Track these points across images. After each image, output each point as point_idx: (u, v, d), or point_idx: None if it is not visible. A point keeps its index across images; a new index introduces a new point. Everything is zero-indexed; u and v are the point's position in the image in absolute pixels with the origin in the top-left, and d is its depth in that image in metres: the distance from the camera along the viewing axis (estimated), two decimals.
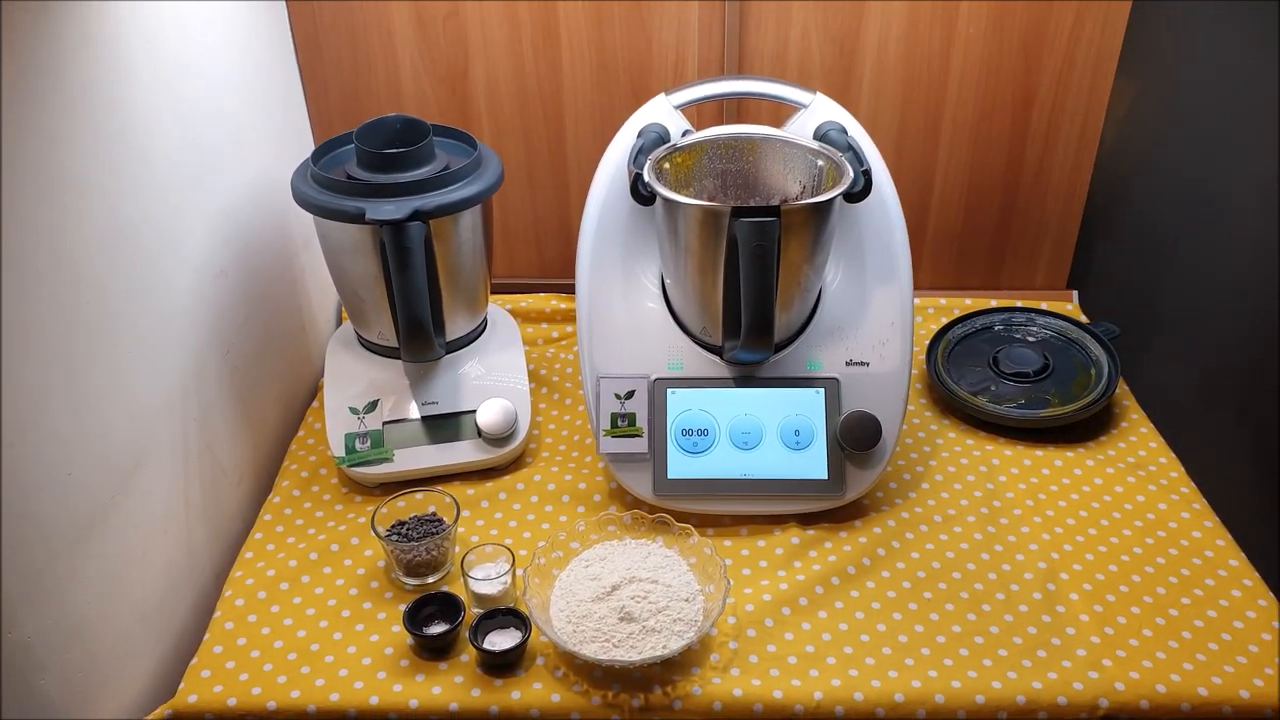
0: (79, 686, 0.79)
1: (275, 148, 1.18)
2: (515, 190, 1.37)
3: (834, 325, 1.05)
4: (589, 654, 0.84)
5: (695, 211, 0.95)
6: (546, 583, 0.92)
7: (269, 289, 1.15)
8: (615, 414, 1.03)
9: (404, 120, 1.07)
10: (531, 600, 0.88)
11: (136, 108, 0.87)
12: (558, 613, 0.89)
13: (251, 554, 1.01)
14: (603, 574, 0.92)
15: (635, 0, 1.23)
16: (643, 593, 0.89)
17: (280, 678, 0.87)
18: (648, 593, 0.89)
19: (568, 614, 0.89)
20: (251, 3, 1.13)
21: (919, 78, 1.27)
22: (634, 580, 0.91)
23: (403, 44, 1.26)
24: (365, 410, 1.09)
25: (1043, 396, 1.18)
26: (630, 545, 0.96)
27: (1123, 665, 0.87)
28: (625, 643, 0.86)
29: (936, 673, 0.87)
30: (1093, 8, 1.22)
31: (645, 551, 0.95)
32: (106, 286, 0.82)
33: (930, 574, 0.97)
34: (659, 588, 0.90)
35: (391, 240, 0.98)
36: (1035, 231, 1.39)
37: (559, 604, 0.90)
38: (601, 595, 0.89)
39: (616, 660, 0.84)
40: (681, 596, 0.90)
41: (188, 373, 0.96)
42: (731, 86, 1.11)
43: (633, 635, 0.86)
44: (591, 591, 0.90)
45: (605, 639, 0.86)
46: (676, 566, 0.93)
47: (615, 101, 1.29)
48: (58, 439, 0.76)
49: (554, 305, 1.37)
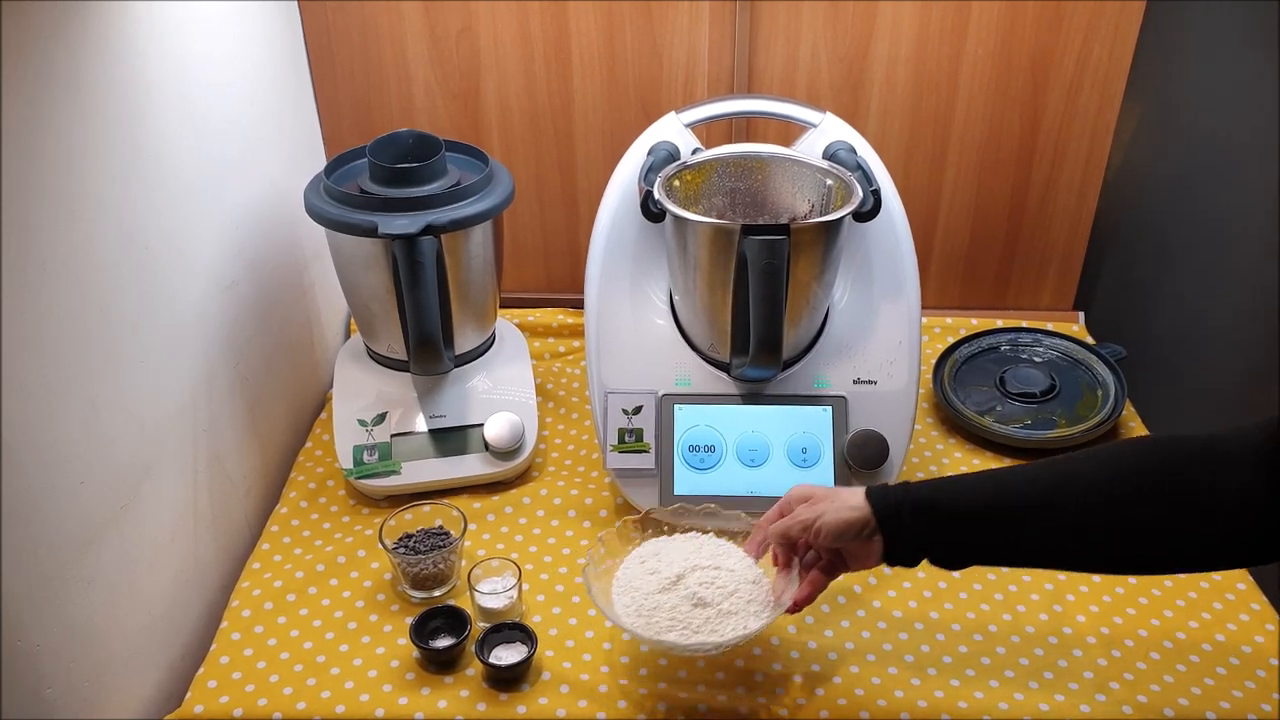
0: (85, 695, 0.79)
1: (287, 160, 1.19)
2: (525, 206, 1.38)
3: (842, 343, 1.05)
4: (673, 640, 0.82)
5: (705, 229, 0.95)
6: (605, 583, 0.89)
7: (279, 301, 1.16)
8: (622, 429, 1.03)
9: (416, 135, 1.08)
10: (598, 600, 0.85)
11: (149, 117, 0.87)
12: (624, 609, 0.86)
13: (259, 565, 1.01)
14: (661, 567, 0.88)
15: (646, 19, 1.24)
16: (709, 579, 0.86)
17: (286, 689, 0.87)
18: (713, 578, 0.86)
19: (635, 608, 0.85)
20: (265, 15, 1.14)
21: (927, 98, 1.28)
22: (696, 569, 0.87)
23: (415, 59, 1.28)
24: (373, 423, 1.10)
25: (1049, 417, 1.18)
26: (680, 539, 0.93)
27: (1131, 688, 0.87)
28: (704, 627, 0.83)
29: (943, 693, 0.87)
30: (1101, 30, 1.23)
31: (698, 543, 0.92)
32: (117, 296, 0.83)
33: (937, 594, 0.97)
34: (723, 573, 0.87)
35: (403, 254, 0.98)
36: (1042, 252, 1.39)
37: (622, 600, 0.87)
38: (666, 586, 0.86)
39: (703, 644, 0.82)
40: (748, 579, 0.87)
41: (197, 383, 0.97)
42: (741, 105, 1.12)
43: (710, 620, 0.83)
44: (654, 585, 0.86)
45: (683, 626, 0.83)
46: (733, 552, 0.90)
47: (625, 119, 1.30)
48: (67, 448, 0.77)
49: (561, 320, 1.38)
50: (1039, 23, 1.23)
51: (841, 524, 0.76)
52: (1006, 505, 0.71)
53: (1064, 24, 1.23)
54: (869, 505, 0.76)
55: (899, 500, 0.75)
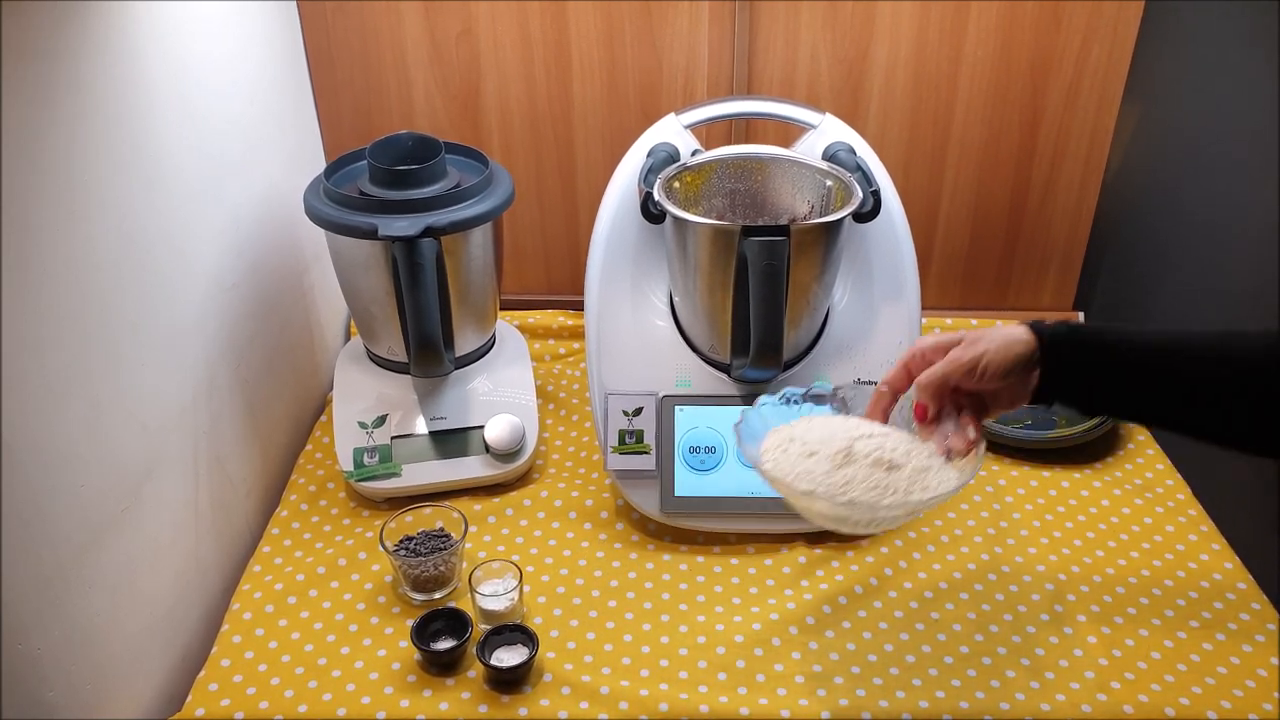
0: (86, 698, 0.79)
1: (287, 162, 1.19)
2: (525, 207, 1.38)
3: (842, 344, 1.05)
4: (891, 501, 0.72)
5: (705, 230, 0.95)
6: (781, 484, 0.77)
7: (279, 303, 1.16)
8: (623, 431, 1.03)
9: (416, 137, 1.08)
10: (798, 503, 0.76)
11: (149, 118, 0.88)
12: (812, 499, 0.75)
13: (259, 568, 1.01)
14: (816, 449, 0.77)
15: (646, 21, 1.24)
16: (878, 445, 0.76)
17: (287, 691, 0.87)
18: (882, 444, 0.76)
19: (828, 497, 0.74)
20: (265, 17, 1.14)
21: (927, 99, 1.28)
22: (858, 439, 0.77)
23: (415, 61, 1.28)
24: (374, 425, 1.10)
25: (1050, 417, 1.18)
26: (804, 425, 0.82)
27: (1131, 687, 0.87)
28: (914, 486, 0.74)
29: (944, 693, 0.87)
30: (1100, 32, 1.23)
31: (829, 420, 0.82)
32: (118, 298, 0.83)
33: (938, 594, 0.97)
34: (887, 437, 0.77)
35: (403, 256, 0.98)
36: (1041, 252, 1.39)
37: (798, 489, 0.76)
38: (841, 463, 0.75)
39: (924, 500, 0.73)
40: (909, 439, 0.78)
41: (198, 385, 0.97)
42: (741, 107, 1.12)
43: (911, 477, 0.74)
44: (824, 465, 0.75)
45: (890, 490, 0.74)
46: (867, 423, 0.80)
47: (625, 120, 1.30)
48: (68, 450, 0.77)
49: (562, 322, 1.38)
50: (1038, 24, 1.23)
51: (1011, 359, 0.72)
52: (1175, 349, 0.70)
53: (1063, 25, 1.23)
54: (1033, 336, 0.73)
55: (1065, 332, 0.73)
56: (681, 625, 0.94)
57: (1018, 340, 0.73)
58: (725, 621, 0.94)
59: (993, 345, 0.73)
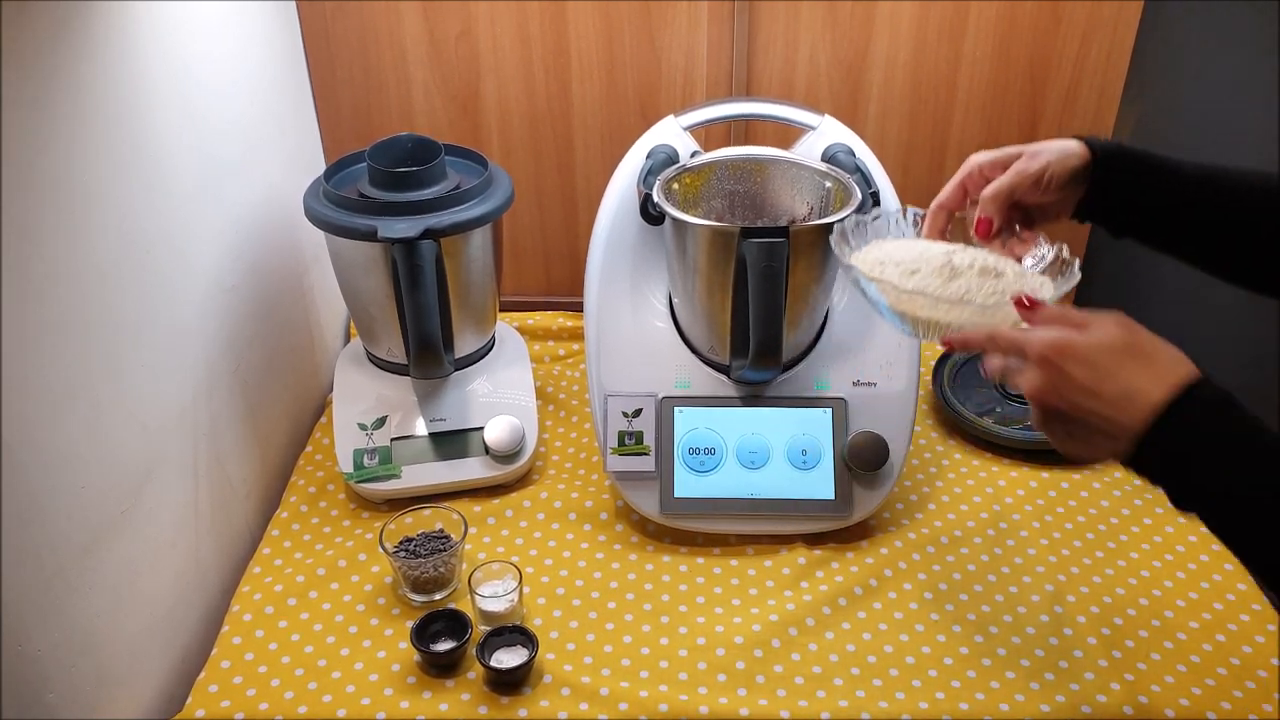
0: (87, 700, 0.79)
1: (286, 164, 1.19)
2: (524, 209, 1.38)
3: (841, 345, 1.05)
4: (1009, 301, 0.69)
5: (705, 232, 0.95)
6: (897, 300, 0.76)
7: (279, 304, 1.16)
8: (622, 432, 1.03)
9: (416, 139, 1.08)
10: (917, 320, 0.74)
11: (149, 119, 0.88)
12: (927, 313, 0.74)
13: (259, 569, 1.01)
14: (916, 267, 0.76)
15: (645, 22, 1.24)
16: (973, 257, 0.75)
17: (287, 693, 0.87)
18: (975, 256, 0.76)
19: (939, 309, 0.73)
20: (264, 19, 1.14)
21: (926, 100, 1.28)
22: (951, 253, 0.76)
23: (415, 63, 1.28)
24: (373, 426, 1.10)
25: None
26: (880, 247, 0.81)
27: (1131, 689, 0.87)
28: (1023, 287, 0.73)
29: (944, 694, 0.87)
30: (1099, 32, 1.23)
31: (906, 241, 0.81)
32: (118, 300, 0.83)
33: (938, 595, 0.97)
34: (971, 250, 0.77)
35: (403, 258, 0.98)
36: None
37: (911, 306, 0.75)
38: (948, 276, 0.75)
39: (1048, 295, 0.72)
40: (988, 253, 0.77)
41: (198, 387, 0.97)
42: (740, 108, 1.12)
43: (1014, 280, 0.74)
44: (933, 283, 0.74)
45: (1005, 293, 0.73)
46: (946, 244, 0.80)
47: (624, 122, 1.31)
48: (69, 451, 0.77)
49: (561, 323, 1.38)
50: (1037, 24, 1.23)
51: (1071, 169, 0.75)
52: (1219, 178, 0.74)
53: (1062, 25, 1.23)
54: (1086, 149, 0.75)
55: (1114, 148, 0.75)
56: (681, 626, 0.94)
57: (1073, 153, 0.75)
58: (725, 623, 0.94)
59: (1054, 156, 0.75)
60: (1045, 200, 0.76)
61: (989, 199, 0.76)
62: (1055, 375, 0.61)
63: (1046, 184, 0.75)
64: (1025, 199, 0.76)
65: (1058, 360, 0.61)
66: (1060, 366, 0.61)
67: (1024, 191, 0.76)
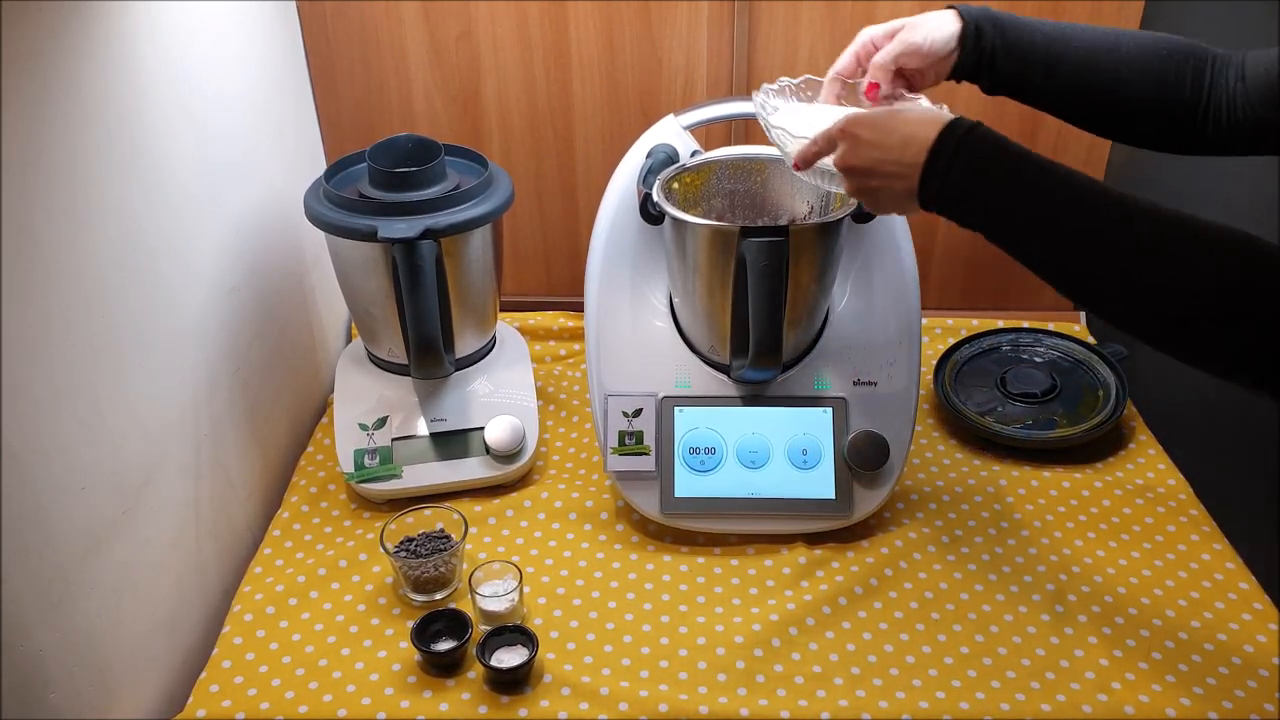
0: (88, 700, 0.79)
1: (287, 165, 1.19)
2: (525, 209, 1.38)
3: (842, 345, 1.05)
4: None
5: (704, 231, 0.95)
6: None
7: (279, 305, 1.16)
8: (623, 432, 1.03)
9: (416, 140, 1.08)
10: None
11: (149, 120, 0.88)
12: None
13: (260, 569, 1.01)
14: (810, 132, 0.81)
15: (645, 22, 1.24)
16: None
17: (288, 693, 0.88)
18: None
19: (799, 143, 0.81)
20: (265, 20, 1.14)
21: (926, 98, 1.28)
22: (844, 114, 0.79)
23: (415, 64, 1.28)
24: (374, 426, 1.10)
25: (1050, 417, 1.18)
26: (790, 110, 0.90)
27: (1132, 688, 0.87)
28: None
29: (944, 694, 0.87)
30: None
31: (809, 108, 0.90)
32: (119, 301, 0.83)
33: (938, 594, 0.97)
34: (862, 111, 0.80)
35: (403, 258, 0.98)
36: None
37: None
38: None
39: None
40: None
41: (199, 388, 0.97)
42: (740, 107, 1.12)
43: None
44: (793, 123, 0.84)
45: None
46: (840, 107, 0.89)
47: (625, 122, 1.31)
48: (69, 453, 0.77)
49: (562, 323, 1.38)
50: None
51: (946, 36, 0.84)
52: (1069, 31, 0.83)
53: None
54: (959, 16, 0.84)
55: (981, 13, 0.84)
56: (681, 626, 0.94)
57: (948, 20, 0.85)
58: (725, 622, 0.94)
59: (929, 30, 0.85)
60: (925, 65, 0.86)
61: (878, 66, 0.87)
62: (850, 141, 0.75)
63: (928, 52, 0.85)
64: (908, 65, 0.86)
65: (851, 129, 0.75)
66: (853, 133, 0.75)
67: (907, 58, 0.86)
